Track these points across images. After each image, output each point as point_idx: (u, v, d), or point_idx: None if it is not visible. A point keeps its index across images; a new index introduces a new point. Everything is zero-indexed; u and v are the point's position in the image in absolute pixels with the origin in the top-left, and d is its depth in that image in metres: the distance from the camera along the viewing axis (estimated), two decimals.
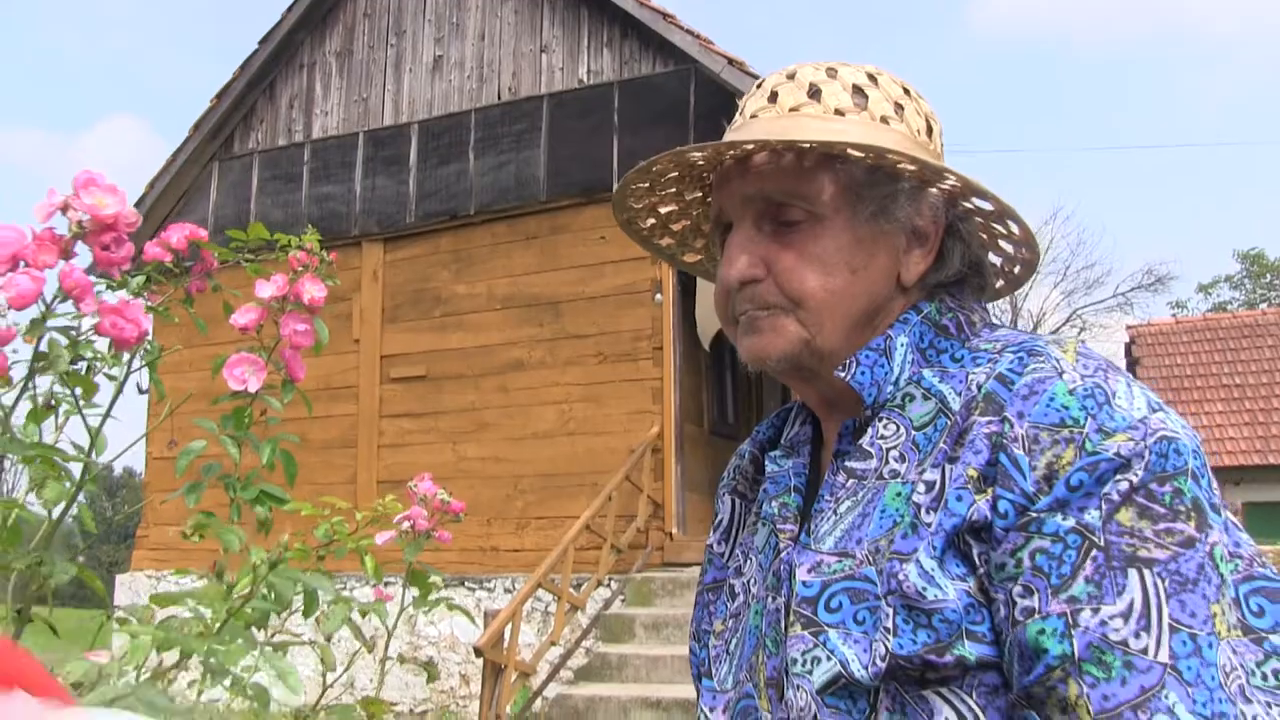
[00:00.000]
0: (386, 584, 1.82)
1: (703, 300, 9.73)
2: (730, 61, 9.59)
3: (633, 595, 9.11)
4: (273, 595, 1.26)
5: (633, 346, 10.07)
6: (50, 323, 1.15)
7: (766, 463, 1.18)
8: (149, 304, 1.54)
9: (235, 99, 12.40)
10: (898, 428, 1.04)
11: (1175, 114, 67.60)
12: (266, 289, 1.66)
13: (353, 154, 11.82)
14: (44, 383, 1.42)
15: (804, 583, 1.02)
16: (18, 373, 1.33)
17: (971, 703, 0.92)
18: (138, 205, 12.42)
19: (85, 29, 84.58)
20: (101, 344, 1.38)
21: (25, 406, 1.44)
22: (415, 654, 10.31)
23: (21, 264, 1.03)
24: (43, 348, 1.27)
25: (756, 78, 7.27)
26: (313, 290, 1.64)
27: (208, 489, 1.70)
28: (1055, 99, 67.31)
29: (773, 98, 1.10)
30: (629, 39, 10.52)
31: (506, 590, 9.81)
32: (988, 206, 1.07)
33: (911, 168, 1.03)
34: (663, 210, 1.23)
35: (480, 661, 7.69)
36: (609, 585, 9.39)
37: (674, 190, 1.20)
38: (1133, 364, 23.29)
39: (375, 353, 11.13)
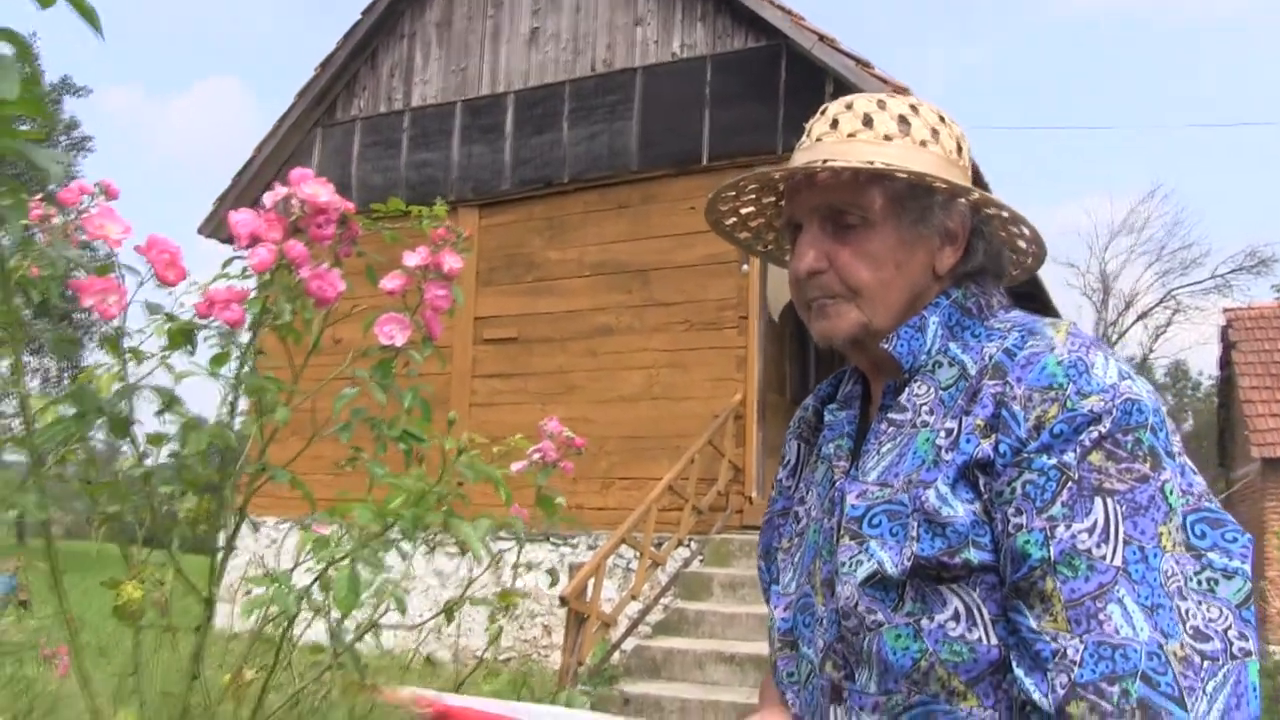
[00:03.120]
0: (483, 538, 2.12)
1: (772, 280, 10.04)
2: (821, 38, 9.76)
3: (711, 555, 9.43)
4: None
5: (718, 315, 10.36)
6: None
7: (825, 414, 1.48)
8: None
9: (338, 68, 12.88)
10: (928, 388, 1.33)
11: None
12: (412, 259, 1.97)
13: (450, 122, 12.22)
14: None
15: (853, 505, 1.32)
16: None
17: (975, 595, 1.21)
18: (245, 169, 13.00)
19: None
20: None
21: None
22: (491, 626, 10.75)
23: (257, 240, 1.36)
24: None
25: (846, 55, 7.47)
26: (452, 261, 1.95)
27: (318, 441, 2.02)
28: (1154, 72, 65.70)
29: (834, 124, 1.38)
30: (721, 14, 10.74)
31: (590, 547, 10.19)
32: (1005, 213, 1.35)
33: (943, 186, 1.31)
34: (743, 211, 1.52)
35: (562, 614, 8.07)
36: (688, 545, 9.72)
37: (753, 196, 1.50)
38: (1229, 348, 22.79)
39: (469, 314, 11.54)
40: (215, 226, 12.98)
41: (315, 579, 1.45)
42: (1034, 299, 13.20)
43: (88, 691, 1.47)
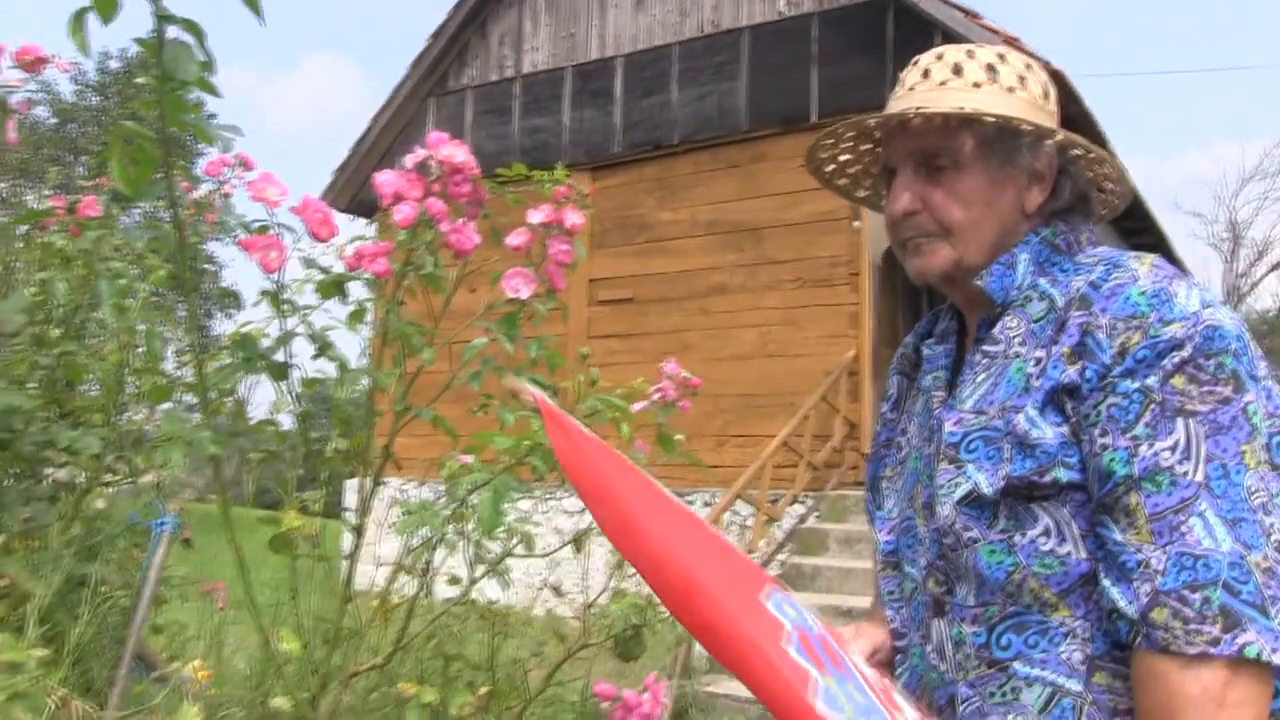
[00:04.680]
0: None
1: (869, 228, 10.02)
2: None
3: (827, 511, 9.48)
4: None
5: (830, 272, 10.36)
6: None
7: (923, 349, 1.57)
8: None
9: (450, 37, 13.09)
10: (1020, 321, 1.41)
11: None
12: (536, 216, 2.09)
13: (561, 88, 12.37)
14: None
15: (950, 432, 1.41)
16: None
17: (1064, 512, 1.30)
18: (362, 140, 13.33)
19: None
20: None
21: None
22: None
23: (400, 198, 1.50)
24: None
25: (955, 6, 7.40)
26: (573, 217, 2.07)
27: (441, 403, 2.16)
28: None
29: (926, 74, 1.46)
30: None
31: (706, 504, 10.32)
32: (1091, 154, 1.42)
33: (1029, 128, 1.38)
34: (841, 159, 1.61)
35: None
36: (804, 501, 9.78)
37: (850, 144, 1.59)
38: None
39: (584, 276, 11.70)
40: (335, 195, 13.34)
41: (455, 506, 1.59)
42: (1156, 249, 12.87)
43: (254, 611, 1.63)
